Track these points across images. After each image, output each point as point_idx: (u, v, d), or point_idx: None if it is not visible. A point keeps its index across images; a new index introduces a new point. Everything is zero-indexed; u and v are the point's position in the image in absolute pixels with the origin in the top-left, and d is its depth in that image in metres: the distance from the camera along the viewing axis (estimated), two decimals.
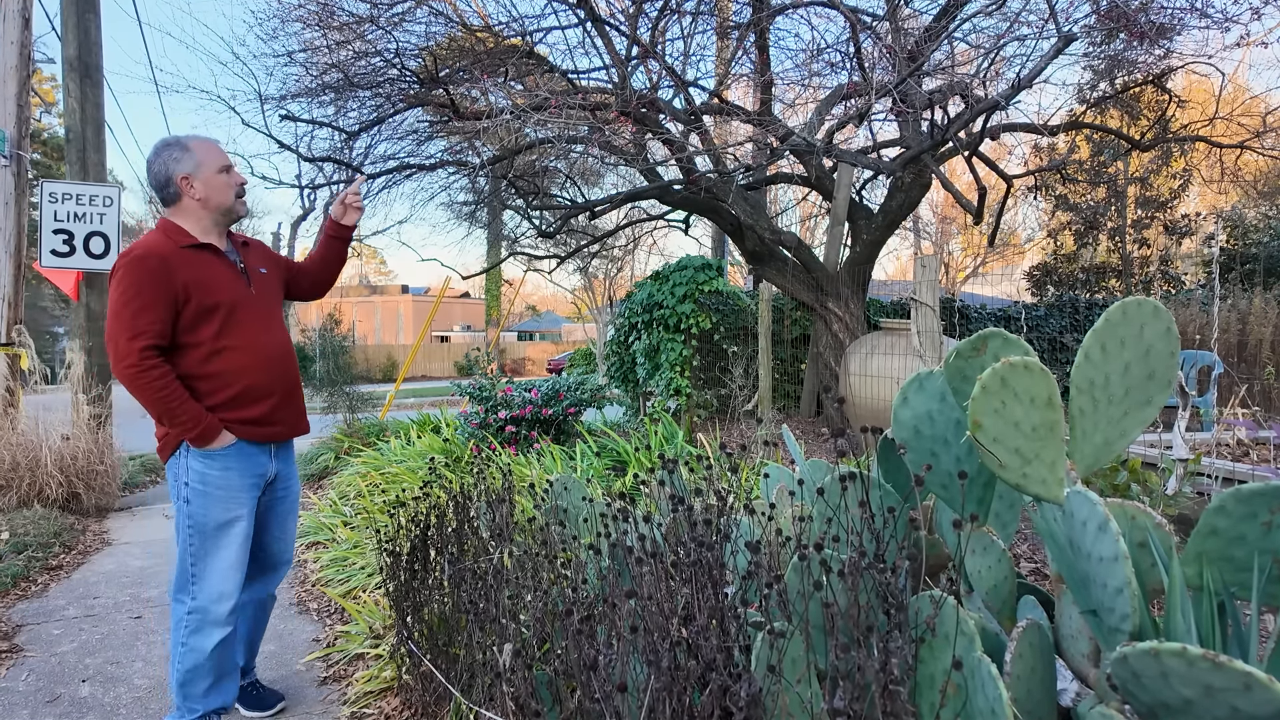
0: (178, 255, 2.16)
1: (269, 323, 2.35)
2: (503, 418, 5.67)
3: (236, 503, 2.23)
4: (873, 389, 4.88)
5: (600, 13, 5.95)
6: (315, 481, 6.87)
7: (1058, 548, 1.26)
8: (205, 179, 2.24)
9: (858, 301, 6.63)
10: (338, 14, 5.35)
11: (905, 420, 1.56)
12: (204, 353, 2.18)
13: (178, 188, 2.23)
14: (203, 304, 2.16)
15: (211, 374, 2.19)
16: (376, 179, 7.05)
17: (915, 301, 3.27)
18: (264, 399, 2.28)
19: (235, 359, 2.22)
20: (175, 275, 2.13)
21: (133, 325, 2.06)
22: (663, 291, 6.65)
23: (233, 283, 2.26)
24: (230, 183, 2.29)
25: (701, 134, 6.81)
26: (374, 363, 31.64)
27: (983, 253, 27.22)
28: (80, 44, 6.36)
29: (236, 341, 2.22)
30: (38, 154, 25.03)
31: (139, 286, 2.09)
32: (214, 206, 2.27)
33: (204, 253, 2.23)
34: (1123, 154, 10.92)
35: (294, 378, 2.41)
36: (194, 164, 2.23)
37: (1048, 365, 7.56)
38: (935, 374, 1.52)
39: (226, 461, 2.20)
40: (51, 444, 5.78)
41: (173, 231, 2.22)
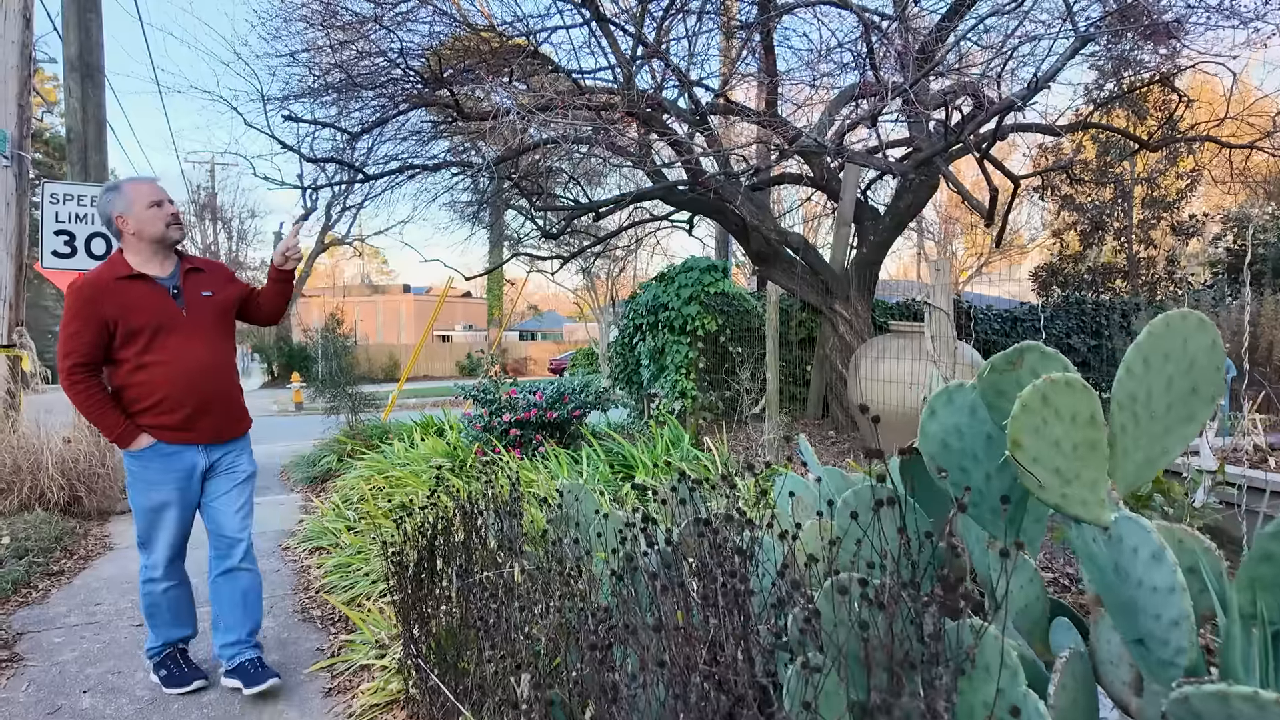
0: (110, 286, 2.52)
1: (194, 342, 2.67)
2: (507, 421, 5.62)
3: (159, 492, 2.66)
4: (883, 393, 4.83)
5: (605, 12, 5.90)
6: (318, 484, 6.83)
7: (1098, 571, 1.21)
8: (136, 215, 2.58)
9: (865, 303, 6.57)
10: (341, 13, 5.30)
11: (933, 434, 1.51)
12: (130, 367, 2.57)
13: (116, 225, 2.60)
14: (128, 327, 2.53)
15: (135, 384, 2.58)
16: (379, 180, 6.99)
17: (929, 305, 3.21)
18: (180, 408, 2.63)
19: (155, 373, 2.58)
20: (104, 304, 2.50)
21: (65, 345, 2.49)
22: (668, 293, 6.59)
23: (160, 308, 2.60)
24: (160, 215, 2.62)
25: (707, 135, 6.76)
26: (376, 362, 31.61)
27: (986, 253, 27.14)
28: (81, 44, 6.31)
29: (157, 359, 2.58)
30: (40, 154, 25.01)
31: (74, 312, 2.49)
32: (147, 237, 2.60)
33: (136, 282, 2.58)
34: (1129, 154, 10.85)
35: (214, 389, 2.72)
36: (126, 203, 2.58)
37: None
38: (964, 387, 1.47)
39: (148, 459, 2.63)
40: (53, 447, 5.73)
41: (116, 263, 2.60)
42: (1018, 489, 1.45)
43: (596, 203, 7.11)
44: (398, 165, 6.74)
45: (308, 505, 6.01)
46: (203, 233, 28.73)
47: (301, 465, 7.47)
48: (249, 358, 34.89)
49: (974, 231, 23.02)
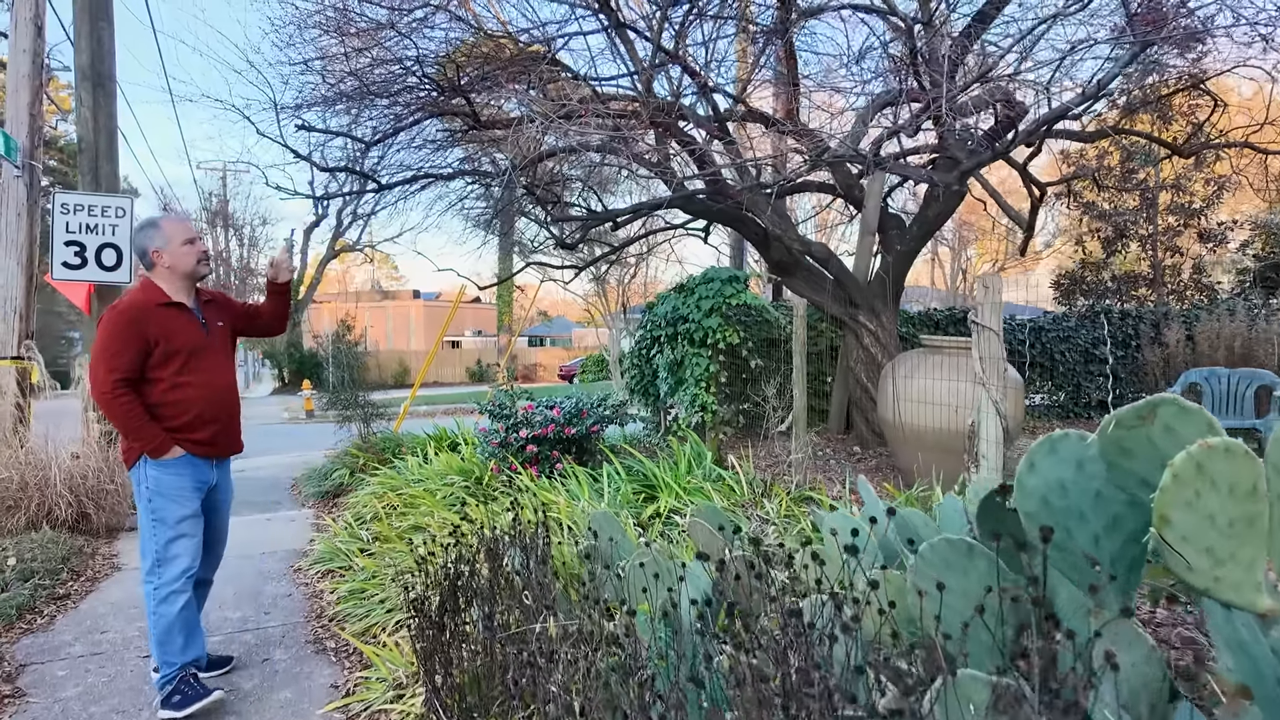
0: (153, 310, 2.78)
1: (219, 365, 3.00)
2: (524, 437, 5.46)
3: (187, 500, 2.85)
4: (920, 414, 4.64)
5: (623, 18, 5.75)
6: (330, 500, 6.69)
7: (1250, 661, 1.04)
8: (171, 250, 2.84)
9: (890, 314, 6.39)
10: (355, 20, 5.17)
11: (1032, 489, 1.33)
12: (165, 385, 2.80)
13: (151, 258, 2.84)
14: (167, 349, 2.78)
15: (171, 402, 2.82)
16: (392, 189, 6.87)
17: (977, 325, 3.03)
18: (210, 424, 2.91)
19: (190, 393, 2.84)
20: (148, 326, 2.74)
21: (109, 362, 2.69)
22: (688, 305, 6.43)
23: (194, 333, 2.88)
24: (193, 252, 2.89)
25: (727, 143, 6.60)
26: (386, 369, 31.58)
27: (1001, 258, 26.87)
28: (93, 52, 6.22)
29: (191, 379, 2.85)
30: (54, 160, 25.11)
31: (115, 332, 2.71)
32: (180, 272, 2.87)
33: (173, 309, 2.84)
34: (1154, 160, 10.63)
35: (234, 408, 3.07)
36: (163, 239, 2.84)
37: (1082, 380, 7.23)
38: (1069, 437, 1.30)
39: (178, 469, 2.83)
40: (61, 462, 5.62)
41: (150, 290, 2.83)
42: (1131, 553, 1.28)
43: (614, 212, 6.97)
44: (412, 174, 6.61)
45: (319, 523, 5.87)
46: (214, 240, 28.80)
47: (313, 479, 7.33)
48: (260, 364, 34.95)
49: (989, 237, 22.76)
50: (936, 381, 4.55)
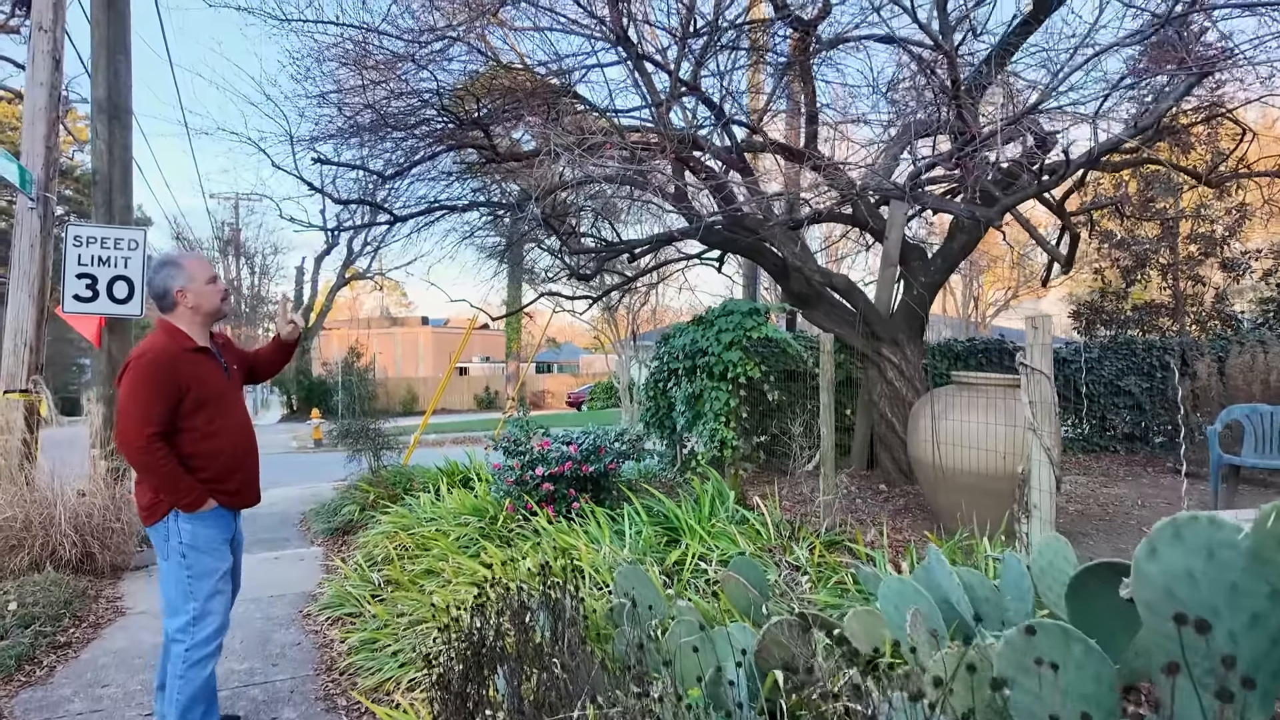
0: (182, 357, 2.64)
1: (240, 410, 2.90)
2: (539, 475, 5.30)
3: (221, 553, 2.74)
4: (953, 455, 4.46)
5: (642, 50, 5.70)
6: (339, 537, 6.53)
7: None
8: (196, 290, 2.72)
9: (915, 347, 6.24)
10: (374, 52, 5.13)
11: (1153, 578, 1.17)
12: (196, 435, 2.66)
13: (174, 299, 2.70)
14: (199, 396, 2.65)
15: (203, 453, 2.68)
16: (406, 221, 6.80)
17: (1026, 367, 2.88)
18: (237, 472, 2.80)
19: (219, 440, 2.72)
20: (179, 374, 2.60)
21: (144, 415, 2.52)
22: (707, 337, 6.29)
23: (219, 379, 2.78)
24: (217, 290, 2.79)
25: (746, 174, 6.52)
26: (394, 396, 31.50)
27: (1013, 286, 26.72)
28: (110, 85, 6.21)
29: (220, 426, 2.73)
30: (69, 190, 25.37)
31: (146, 382, 2.55)
32: (204, 311, 2.75)
33: (200, 355, 2.72)
34: (1175, 188, 10.50)
35: (256, 455, 2.95)
36: (187, 278, 2.71)
37: (1108, 413, 6.99)
38: (1198, 521, 1.14)
39: (211, 522, 2.70)
40: (67, 500, 5.48)
41: (175, 334, 2.68)
42: (1276, 656, 1.12)
43: (632, 243, 6.87)
44: (427, 206, 6.54)
45: (329, 563, 5.71)
46: (225, 269, 28.97)
47: (322, 514, 7.18)
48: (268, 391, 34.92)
49: (1000, 265, 22.64)
50: (972, 421, 4.38)
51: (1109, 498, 6.03)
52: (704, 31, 5.49)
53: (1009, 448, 4.13)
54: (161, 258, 2.84)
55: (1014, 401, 4.52)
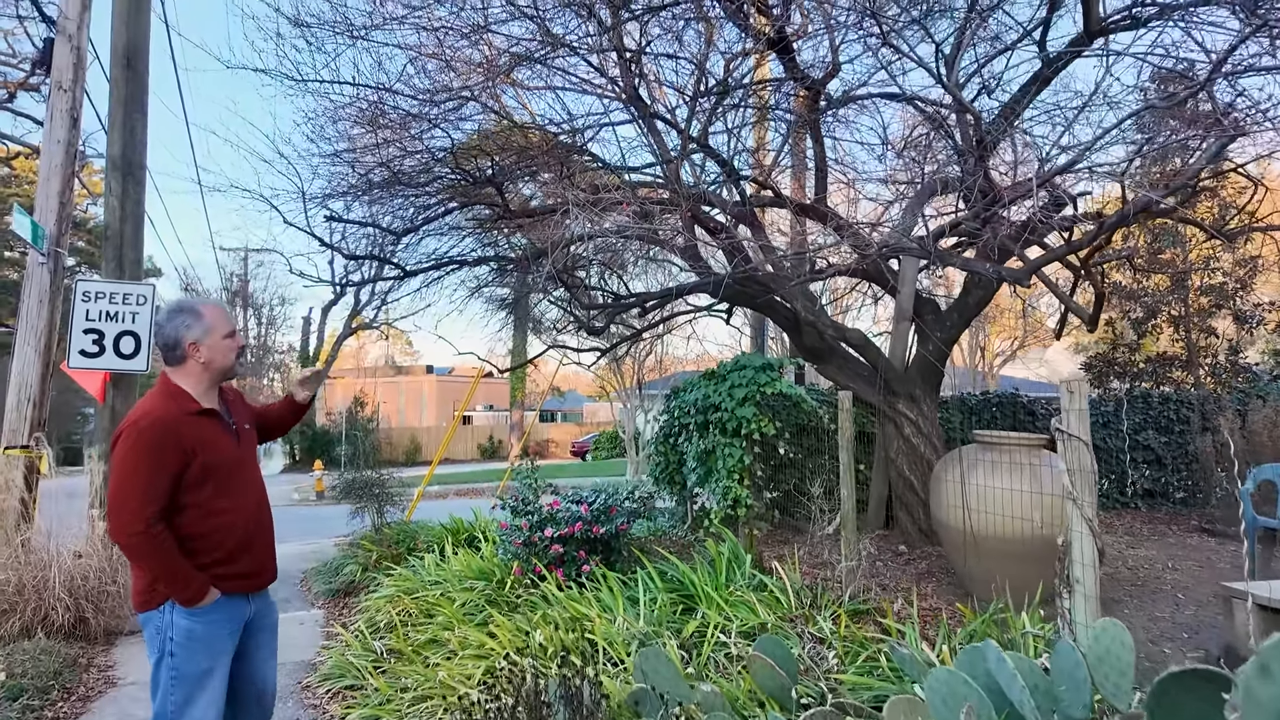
0: (184, 421, 2.30)
1: (252, 479, 2.54)
2: (549, 536, 5.14)
3: (219, 651, 2.35)
4: (978, 519, 4.31)
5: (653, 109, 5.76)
6: (341, 599, 6.32)
7: None
8: (211, 344, 2.40)
9: (931, 403, 6.13)
10: (388, 112, 5.18)
11: (1268, 703, 1.04)
12: (199, 513, 2.31)
13: (185, 351, 2.37)
14: (204, 467, 2.30)
15: (206, 533, 2.32)
16: (416, 275, 6.79)
17: (1063, 433, 2.77)
18: (248, 552, 2.44)
19: (227, 518, 2.37)
20: (182, 441, 2.26)
21: (144, 492, 2.18)
22: (719, 392, 6.19)
23: (228, 445, 2.43)
24: (233, 347, 2.48)
25: (755, 228, 6.51)
26: (398, 446, 31.31)
27: (1018, 336, 26.71)
28: (125, 143, 6.27)
29: (228, 501, 2.38)
30: (82, 241, 25.71)
31: (146, 454, 2.21)
32: (216, 369, 2.42)
33: (205, 419, 2.38)
34: (1182, 241, 10.51)
35: (269, 528, 2.59)
36: (203, 330, 2.39)
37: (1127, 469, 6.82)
38: None
39: (212, 615, 2.32)
40: (62, 562, 5.32)
41: (177, 395, 2.35)
42: None
43: (643, 296, 6.83)
44: (436, 261, 6.53)
45: (329, 628, 5.50)
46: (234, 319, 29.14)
47: (323, 574, 6.98)
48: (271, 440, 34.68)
49: (1007, 315, 22.63)
50: (998, 484, 4.24)
51: (1137, 560, 5.83)
52: (714, 91, 5.55)
53: (1041, 513, 3.99)
54: (177, 303, 2.50)
55: (1040, 462, 4.38)
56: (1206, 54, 4.15)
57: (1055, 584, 2.90)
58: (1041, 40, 4.87)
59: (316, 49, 5.03)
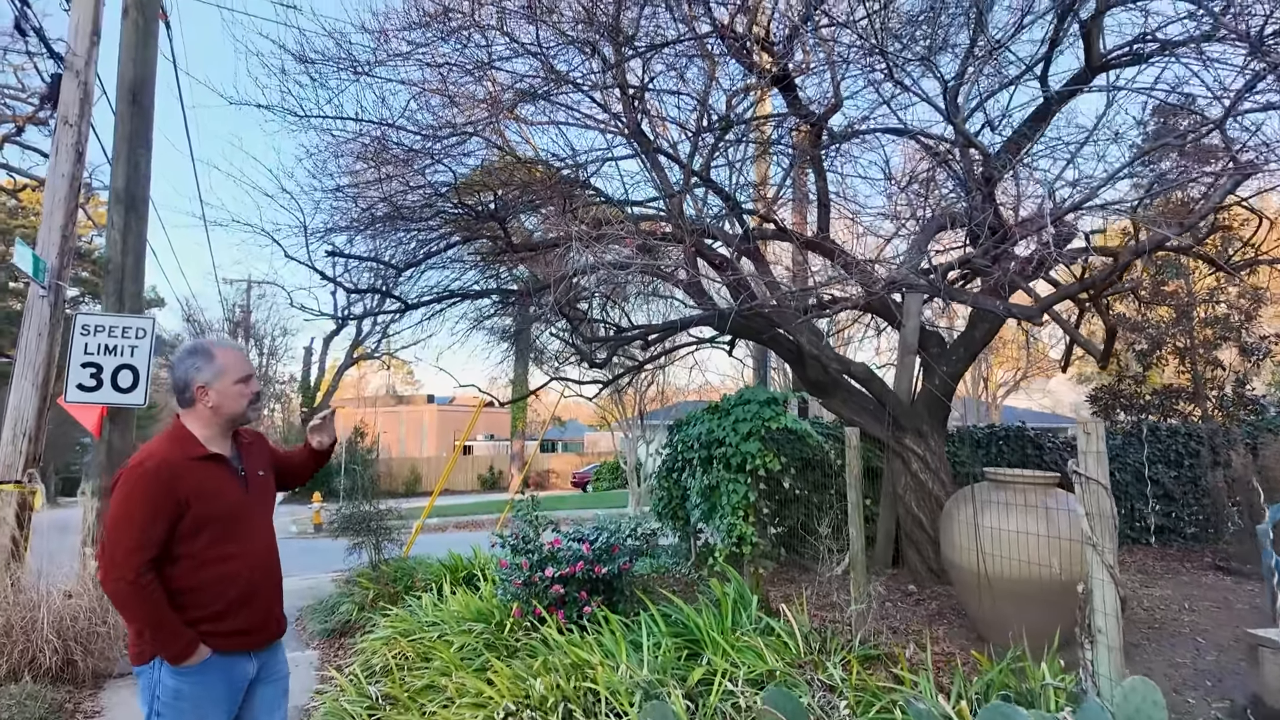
0: (185, 466, 2.19)
1: (260, 528, 2.40)
2: (549, 576, 5.02)
3: (210, 713, 2.20)
4: (990, 560, 4.20)
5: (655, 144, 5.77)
6: (336, 639, 6.17)
7: None
8: (220, 388, 2.30)
9: (939, 438, 6.04)
10: (391, 147, 5.18)
11: None
12: (192, 564, 2.18)
13: (193, 394, 2.29)
14: (201, 515, 2.18)
15: (198, 587, 2.19)
16: (418, 308, 6.75)
17: (1080, 476, 2.68)
18: (248, 606, 2.28)
19: (224, 568, 2.23)
20: (180, 485, 2.15)
21: (136, 537, 2.08)
22: (723, 427, 6.09)
23: (232, 493, 2.30)
24: (245, 393, 2.36)
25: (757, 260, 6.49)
26: (398, 477, 31.10)
27: (1021, 367, 26.63)
28: (129, 177, 6.28)
29: (227, 551, 2.24)
30: (86, 272, 25.82)
31: (142, 498, 2.11)
32: (225, 414, 2.33)
33: (209, 464, 2.26)
34: (1184, 272, 10.49)
35: (276, 581, 2.43)
36: (214, 373, 2.30)
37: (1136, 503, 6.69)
38: None
39: (203, 676, 2.18)
40: (52, 603, 5.20)
41: (183, 439, 2.26)
42: None
43: (646, 329, 6.79)
44: (437, 294, 6.50)
45: (324, 671, 5.36)
46: None
47: (319, 613, 6.83)
48: None
49: (1010, 346, 22.58)
50: (1011, 525, 4.13)
51: (1152, 600, 5.69)
52: (716, 126, 5.56)
53: (1059, 558, 3.88)
54: (194, 344, 2.41)
55: (1055, 504, 4.28)
56: (1210, 90, 4.16)
57: (1076, 632, 2.79)
58: (1043, 75, 4.88)
59: (320, 85, 5.06)
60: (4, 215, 25.70)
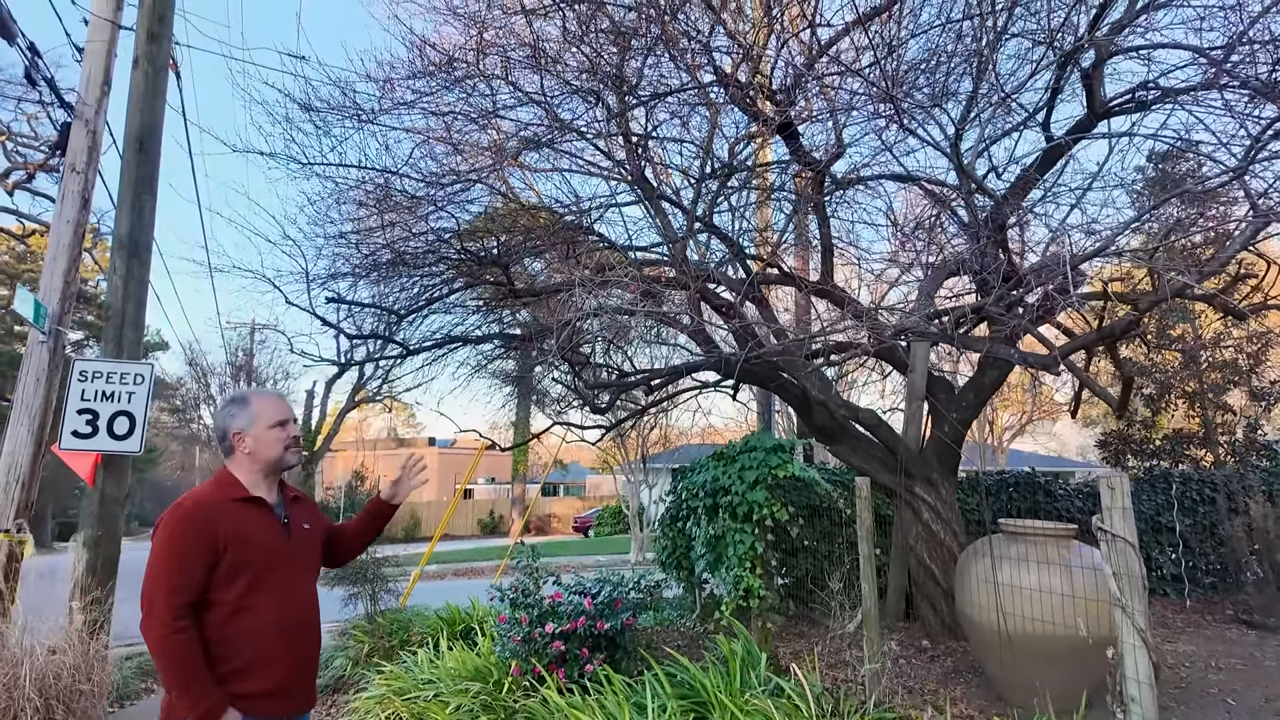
0: (223, 507, 2.18)
1: (300, 583, 2.29)
2: (550, 632, 4.84)
3: None
4: (1014, 623, 4.03)
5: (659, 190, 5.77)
6: (329, 696, 5.95)
7: None
8: (256, 434, 2.31)
9: (949, 486, 5.90)
10: (394, 194, 5.18)
11: None
12: (226, 612, 2.10)
13: (231, 442, 2.31)
14: (239, 559, 2.12)
15: (229, 637, 2.10)
16: (419, 353, 6.69)
17: (1105, 533, 2.57)
18: (276, 667, 2.14)
19: (256, 619, 2.12)
20: (218, 526, 2.11)
21: (174, 580, 2.04)
22: (729, 475, 5.97)
23: (272, 537, 2.24)
24: (281, 437, 2.34)
25: (761, 306, 6.45)
26: (397, 522, 30.68)
27: (1026, 410, 26.41)
28: (133, 224, 6.29)
29: (261, 601, 2.14)
30: (91, 316, 25.95)
31: (180, 539, 2.08)
32: (262, 459, 2.31)
33: (249, 506, 2.23)
34: (1190, 316, 10.42)
35: (313, 643, 2.32)
36: (248, 419, 2.32)
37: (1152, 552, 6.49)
38: None
39: None
40: (36, 659, 5.02)
41: (226, 483, 2.26)
42: None
43: (649, 373, 6.71)
44: (438, 340, 6.45)
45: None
46: None
47: None
48: None
49: (1015, 390, 22.44)
50: (1027, 582, 3.98)
51: (1176, 657, 5.47)
52: (719, 174, 5.57)
53: (1081, 615, 3.72)
54: (233, 393, 2.49)
55: (1073, 559, 4.12)
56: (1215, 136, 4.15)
57: (1105, 698, 2.64)
58: (1046, 122, 4.89)
59: (324, 133, 5.08)
60: (12, 259, 25.97)
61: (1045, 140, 4.83)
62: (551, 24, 4.94)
